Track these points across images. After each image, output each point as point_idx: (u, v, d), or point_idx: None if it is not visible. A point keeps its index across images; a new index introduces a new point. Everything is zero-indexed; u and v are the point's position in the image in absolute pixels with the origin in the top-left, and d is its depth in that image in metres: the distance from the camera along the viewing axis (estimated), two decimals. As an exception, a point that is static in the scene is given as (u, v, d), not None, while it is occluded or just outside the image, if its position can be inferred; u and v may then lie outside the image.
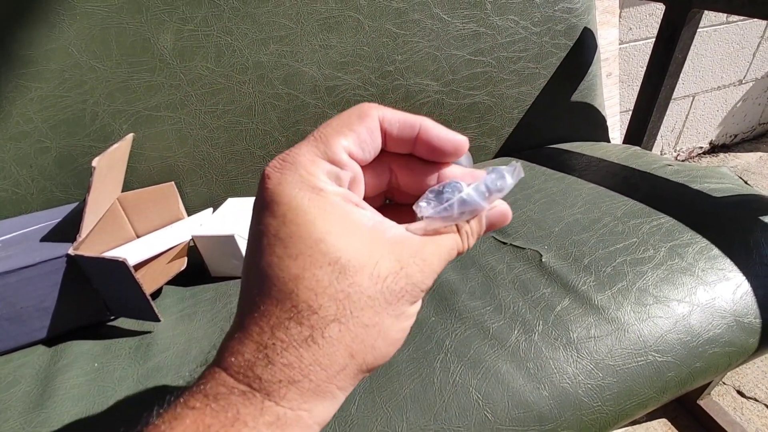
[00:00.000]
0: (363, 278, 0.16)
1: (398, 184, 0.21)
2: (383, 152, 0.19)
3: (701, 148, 1.56)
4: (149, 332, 0.42)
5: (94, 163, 0.40)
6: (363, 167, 0.19)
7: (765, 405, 0.78)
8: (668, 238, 0.43)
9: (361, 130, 0.18)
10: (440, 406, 0.32)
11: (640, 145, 0.74)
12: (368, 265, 0.16)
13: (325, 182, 0.17)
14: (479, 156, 0.69)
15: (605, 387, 0.34)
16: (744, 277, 0.39)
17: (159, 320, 0.42)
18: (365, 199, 0.20)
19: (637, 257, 0.42)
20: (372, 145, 0.18)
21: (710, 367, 0.36)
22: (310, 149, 0.17)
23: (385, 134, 0.19)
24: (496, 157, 0.70)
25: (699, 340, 0.36)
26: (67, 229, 0.45)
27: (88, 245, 0.45)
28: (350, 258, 0.16)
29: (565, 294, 0.39)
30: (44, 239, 0.44)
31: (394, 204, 0.22)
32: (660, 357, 0.35)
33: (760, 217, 0.44)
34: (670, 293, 0.38)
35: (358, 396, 0.33)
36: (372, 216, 0.18)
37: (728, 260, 0.41)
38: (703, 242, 0.43)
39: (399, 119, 0.19)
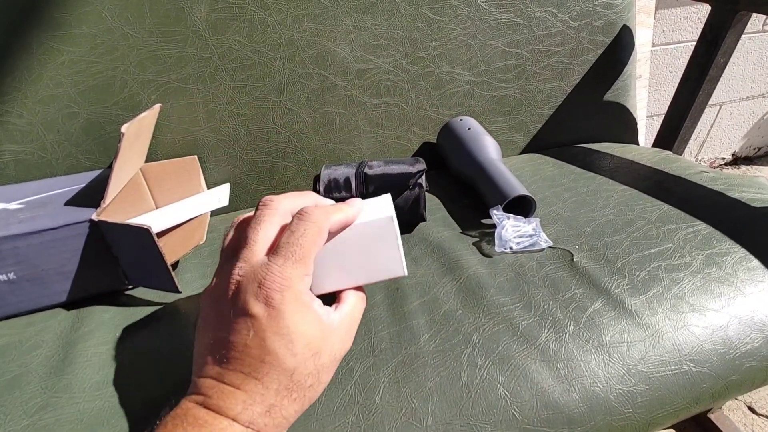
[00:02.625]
0: (326, 358, 0.26)
1: None
2: None
3: (723, 159, 1.53)
4: (169, 303, 0.41)
5: (124, 129, 0.39)
6: None
7: (776, 423, 0.77)
8: (705, 245, 0.42)
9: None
10: (467, 401, 0.32)
11: (670, 150, 0.72)
12: (328, 350, 0.26)
13: (311, 298, 0.26)
14: (506, 151, 0.67)
15: (637, 394, 0.33)
16: (785, 291, 0.38)
17: (179, 291, 0.41)
18: None
19: (672, 263, 0.40)
20: None
21: (746, 381, 0.35)
22: (297, 272, 0.25)
23: None
24: (523, 152, 0.68)
25: (736, 353, 0.35)
26: (91, 195, 0.44)
27: (109, 212, 0.44)
28: (322, 349, 0.26)
29: (598, 296, 0.38)
30: (68, 203, 0.43)
31: None
32: (695, 367, 0.34)
33: (802, 231, 0.43)
34: (707, 302, 0.37)
35: (382, 385, 0.32)
36: (323, 310, 0.27)
37: (768, 273, 0.39)
38: (742, 252, 0.41)
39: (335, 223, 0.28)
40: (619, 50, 0.68)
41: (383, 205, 0.33)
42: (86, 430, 0.30)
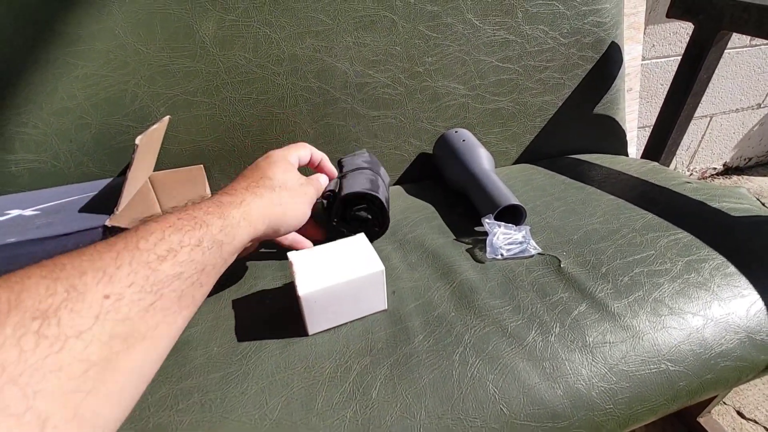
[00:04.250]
0: (294, 183, 0.40)
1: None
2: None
3: (715, 169, 1.56)
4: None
5: (138, 141, 0.42)
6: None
7: (765, 427, 0.78)
8: (685, 252, 0.45)
9: (306, 154, 0.46)
10: (458, 397, 0.34)
11: (658, 161, 0.75)
12: (295, 181, 0.40)
13: (294, 165, 0.43)
14: (499, 161, 0.70)
15: (618, 391, 0.35)
16: (758, 296, 0.40)
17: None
18: None
19: (654, 269, 0.43)
20: (305, 159, 0.46)
21: (721, 379, 0.37)
22: (291, 152, 0.43)
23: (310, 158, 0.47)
24: (516, 163, 0.71)
25: (711, 353, 0.37)
26: (103, 202, 0.46)
27: (119, 218, 0.47)
28: (288, 180, 0.40)
29: (582, 299, 0.40)
30: (81, 210, 0.45)
31: None
32: (672, 366, 0.36)
33: (777, 239, 0.45)
34: (685, 306, 0.39)
35: (378, 382, 0.34)
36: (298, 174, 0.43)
37: (744, 278, 0.42)
38: (720, 259, 0.44)
39: (317, 155, 0.47)
40: (608, 65, 0.71)
41: (367, 253, 0.40)
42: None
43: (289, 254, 0.40)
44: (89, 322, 0.20)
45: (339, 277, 0.37)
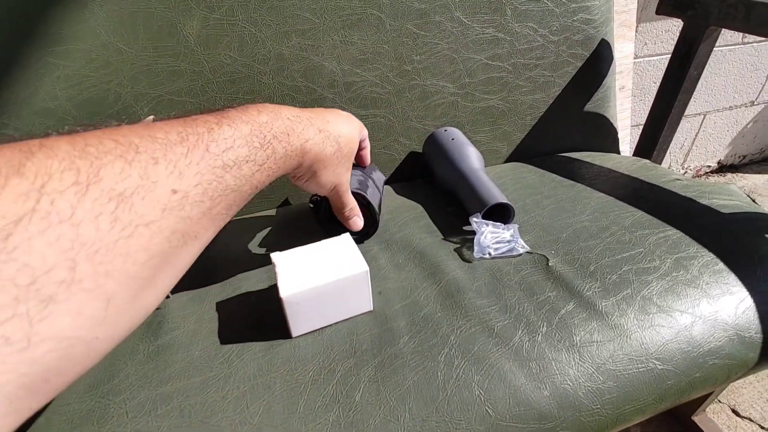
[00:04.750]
0: (345, 160, 0.41)
1: None
2: None
3: (709, 166, 1.56)
4: (158, 309, 0.42)
5: (117, 142, 0.41)
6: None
7: (759, 425, 0.78)
8: (674, 250, 0.44)
9: (365, 138, 0.50)
10: (443, 399, 0.33)
11: (649, 159, 0.74)
12: (348, 158, 0.41)
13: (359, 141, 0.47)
14: (490, 160, 0.69)
15: (605, 390, 0.34)
16: (747, 293, 0.40)
17: (167, 296, 0.43)
18: None
19: (642, 267, 0.42)
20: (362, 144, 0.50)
21: (709, 378, 0.37)
22: (365, 133, 0.49)
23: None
24: (507, 161, 0.70)
25: (700, 351, 0.37)
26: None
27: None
28: (348, 153, 0.41)
29: (570, 298, 0.40)
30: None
31: None
32: (660, 365, 0.36)
33: (767, 235, 0.45)
34: (673, 303, 0.39)
35: (362, 384, 0.34)
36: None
37: (733, 275, 0.41)
38: (709, 256, 0.43)
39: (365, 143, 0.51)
40: (598, 63, 0.71)
41: (352, 253, 0.39)
42: (74, 430, 0.31)
43: (272, 255, 0.39)
44: (157, 214, 0.21)
45: (322, 279, 0.37)
